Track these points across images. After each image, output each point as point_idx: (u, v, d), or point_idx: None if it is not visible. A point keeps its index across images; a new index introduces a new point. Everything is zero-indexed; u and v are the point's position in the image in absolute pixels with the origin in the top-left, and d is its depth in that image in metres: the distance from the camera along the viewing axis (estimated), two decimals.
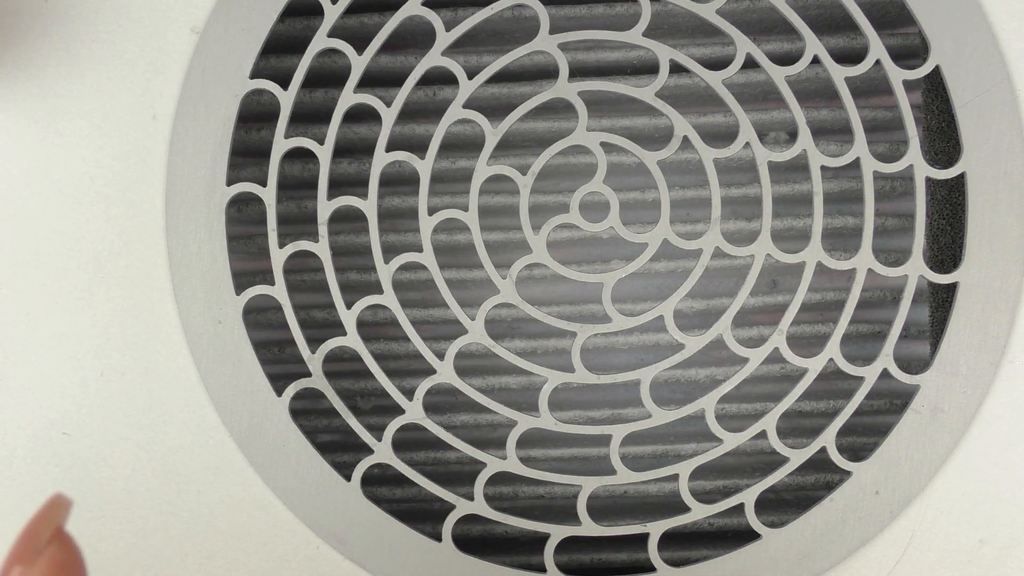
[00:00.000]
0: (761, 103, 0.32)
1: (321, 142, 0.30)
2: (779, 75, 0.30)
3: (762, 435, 0.30)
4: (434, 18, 0.30)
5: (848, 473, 0.29)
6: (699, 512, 0.30)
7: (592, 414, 0.32)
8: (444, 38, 0.30)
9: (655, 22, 0.30)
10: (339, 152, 0.31)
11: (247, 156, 0.32)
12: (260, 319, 0.32)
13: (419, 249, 0.30)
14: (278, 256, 0.30)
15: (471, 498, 0.30)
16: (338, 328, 0.30)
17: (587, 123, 0.30)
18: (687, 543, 0.32)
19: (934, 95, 0.31)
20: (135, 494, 0.30)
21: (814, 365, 0.30)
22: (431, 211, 0.30)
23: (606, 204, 0.30)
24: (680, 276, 0.30)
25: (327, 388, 0.30)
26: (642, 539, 0.30)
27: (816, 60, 0.30)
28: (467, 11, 0.30)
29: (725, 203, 0.30)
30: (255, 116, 0.32)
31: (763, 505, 0.30)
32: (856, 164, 0.30)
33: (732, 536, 0.31)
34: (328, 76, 0.31)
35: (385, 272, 0.30)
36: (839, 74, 0.30)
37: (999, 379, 0.29)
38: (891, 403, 0.32)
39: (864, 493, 0.29)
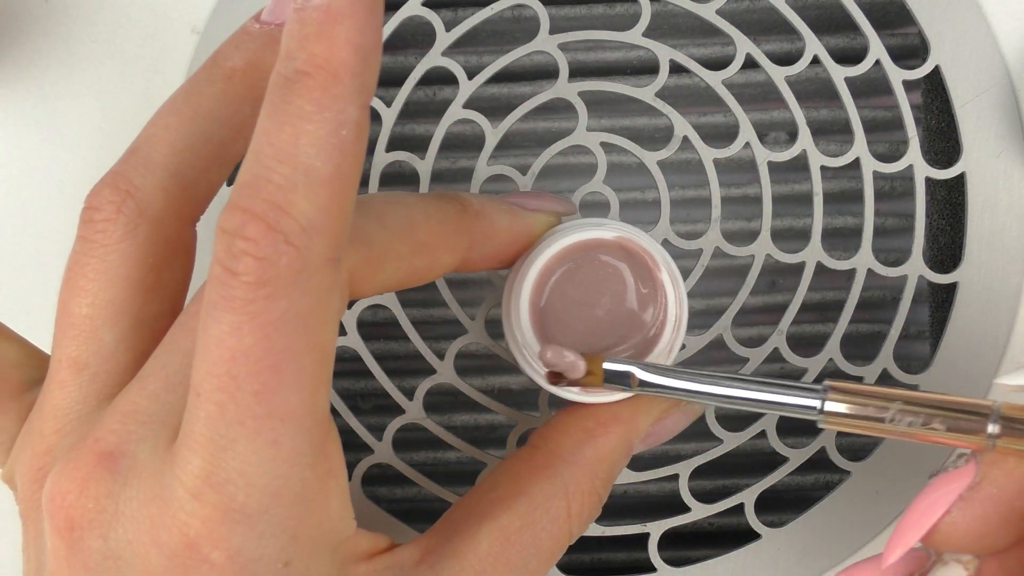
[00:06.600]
0: (761, 103, 0.32)
1: None
2: (779, 75, 0.30)
3: (762, 435, 0.30)
4: (434, 18, 0.30)
5: (848, 473, 0.29)
6: (699, 512, 0.30)
7: None
8: (444, 38, 0.30)
9: (655, 22, 0.30)
10: None
11: None
12: None
13: None
14: None
15: None
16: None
17: (587, 123, 0.30)
18: (687, 543, 0.32)
19: (934, 95, 0.31)
20: None
21: (814, 365, 0.30)
22: None
23: (606, 204, 0.30)
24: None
25: None
26: (642, 539, 0.30)
27: (816, 60, 0.30)
28: (467, 11, 0.30)
29: (725, 203, 0.30)
30: None
31: (763, 505, 0.30)
32: (856, 164, 0.30)
33: (732, 536, 0.31)
34: None
35: None
36: (839, 74, 0.30)
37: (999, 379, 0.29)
38: None
39: (864, 493, 0.29)
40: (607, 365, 0.24)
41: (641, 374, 0.23)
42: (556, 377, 0.24)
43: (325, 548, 0.20)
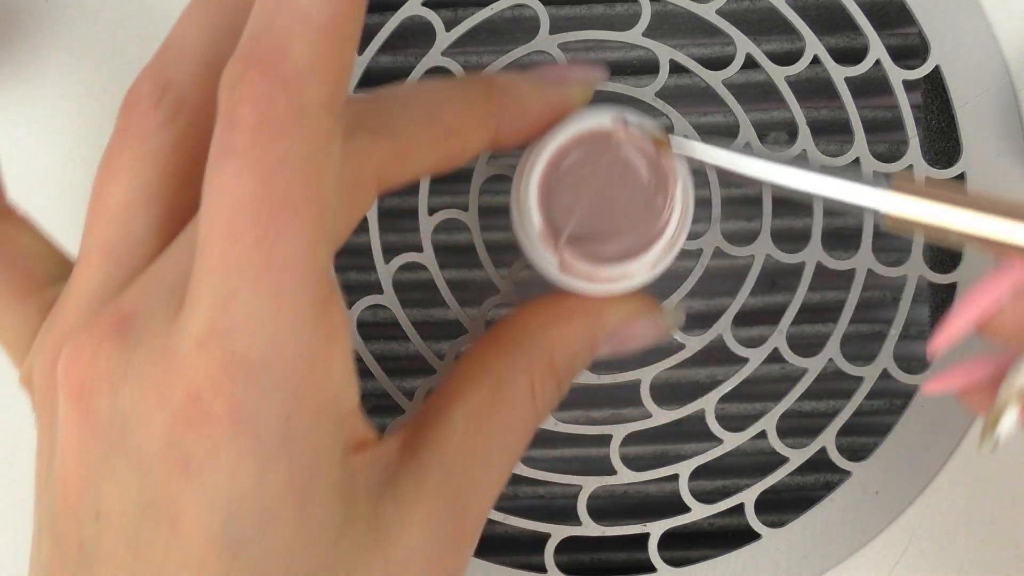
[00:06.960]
0: (761, 103, 0.32)
1: None
2: (779, 75, 0.30)
3: (762, 435, 0.30)
4: (434, 18, 0.30)
5: (848, 473, 0.29)
6: (699, 512, 0.30)
7: (592, 414, 0.32)
8: (444, 38, 0.30)
9: (655, 22, 0.30)
10: None
11: None
12: None
13: (419, 249, 0.30)
14: None
15: None
16: None
17: None
18: (687, 543, 0.32)
19: (934, 95, 0.31)
20: None
21: (814, 365, 0.30)
22: (431, 211, 0.30)
23: None
24: (680, 276, 0.30)
25: None
26: (642, 539, 0.30)
27: (816, 60, 0.30)
28: (467, 11, 0.30)
29: (725, 203, 0.30)
30: None
31: (763, 505, 0.30)
32: (856, 164, 0.30)
33: (732, 536, 0.31)
34: None
35: (385, 272, 0.30)
36: (839, 74, 0.30)
37: None
38: (891, 403, 0.32)
39: (864, 493, 0.29)
40: (675, 143, 0.24)
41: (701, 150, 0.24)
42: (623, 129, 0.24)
43: (328, 415, 0.20)
